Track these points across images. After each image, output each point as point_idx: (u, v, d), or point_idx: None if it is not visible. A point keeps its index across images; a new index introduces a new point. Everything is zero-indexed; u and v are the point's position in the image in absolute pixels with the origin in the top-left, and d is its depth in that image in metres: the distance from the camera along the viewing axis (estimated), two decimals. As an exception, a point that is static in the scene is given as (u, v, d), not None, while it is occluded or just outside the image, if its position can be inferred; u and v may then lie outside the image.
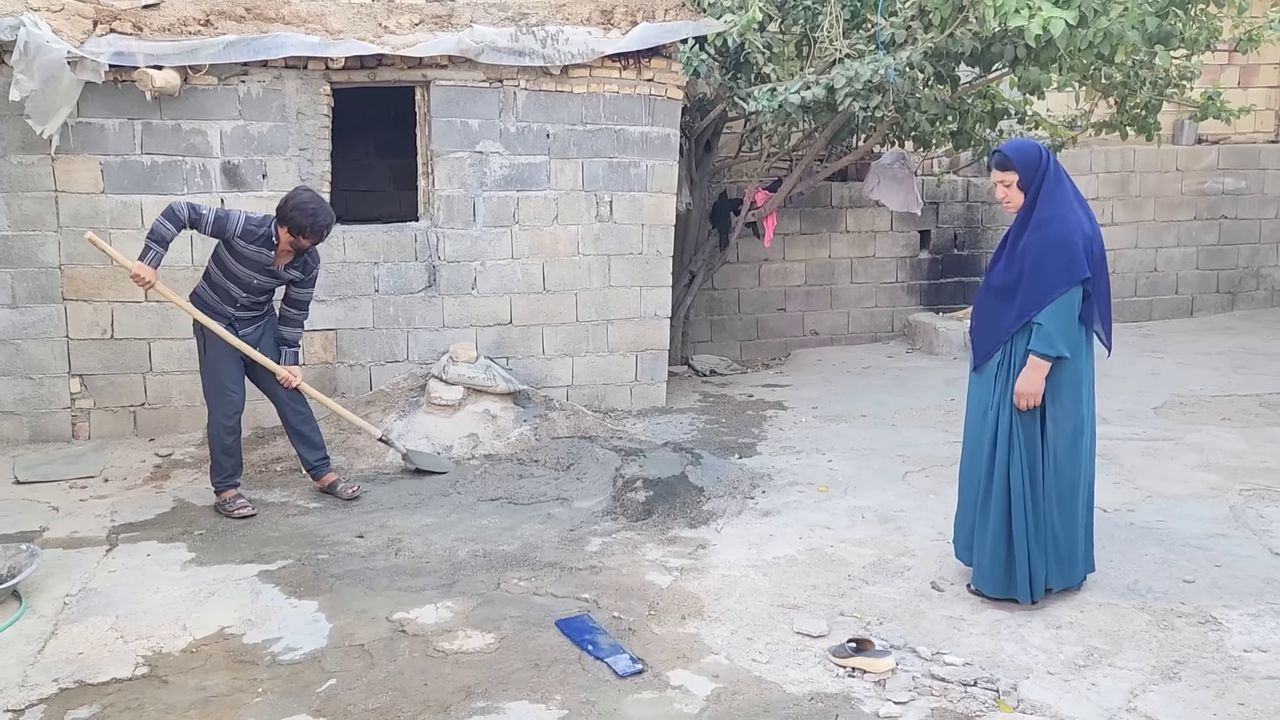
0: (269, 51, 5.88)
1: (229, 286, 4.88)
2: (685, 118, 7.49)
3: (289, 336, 5.08)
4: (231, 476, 5.03)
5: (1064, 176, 3.75)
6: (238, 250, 4.81)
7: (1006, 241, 3.88)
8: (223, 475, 5.00)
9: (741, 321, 9.02)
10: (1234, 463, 5.48)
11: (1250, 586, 3.90)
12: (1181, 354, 8.40)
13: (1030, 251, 3.67)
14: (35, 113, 5.58)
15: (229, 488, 5.00)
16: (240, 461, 5.11)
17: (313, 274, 5.06)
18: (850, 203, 9.07)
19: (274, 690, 3.26)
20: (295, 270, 4.96)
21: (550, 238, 6.64)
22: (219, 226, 4.77)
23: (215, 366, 4.94)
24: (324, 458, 5.24)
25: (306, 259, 4.98)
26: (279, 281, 4.96)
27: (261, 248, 4.82)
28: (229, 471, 5.01)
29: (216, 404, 4.94)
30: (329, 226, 4.83)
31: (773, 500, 5.09)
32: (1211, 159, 9.94)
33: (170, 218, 4.72)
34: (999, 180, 3.79)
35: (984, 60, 5.98)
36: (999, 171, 3.77)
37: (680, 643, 3.55)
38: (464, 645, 3.55)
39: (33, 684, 3.31)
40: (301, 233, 4.76)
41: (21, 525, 4.79)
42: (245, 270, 4.84)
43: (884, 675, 3.26)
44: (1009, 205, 3.82)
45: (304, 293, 5.08)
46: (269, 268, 4.86)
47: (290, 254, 4.90)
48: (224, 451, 4.98)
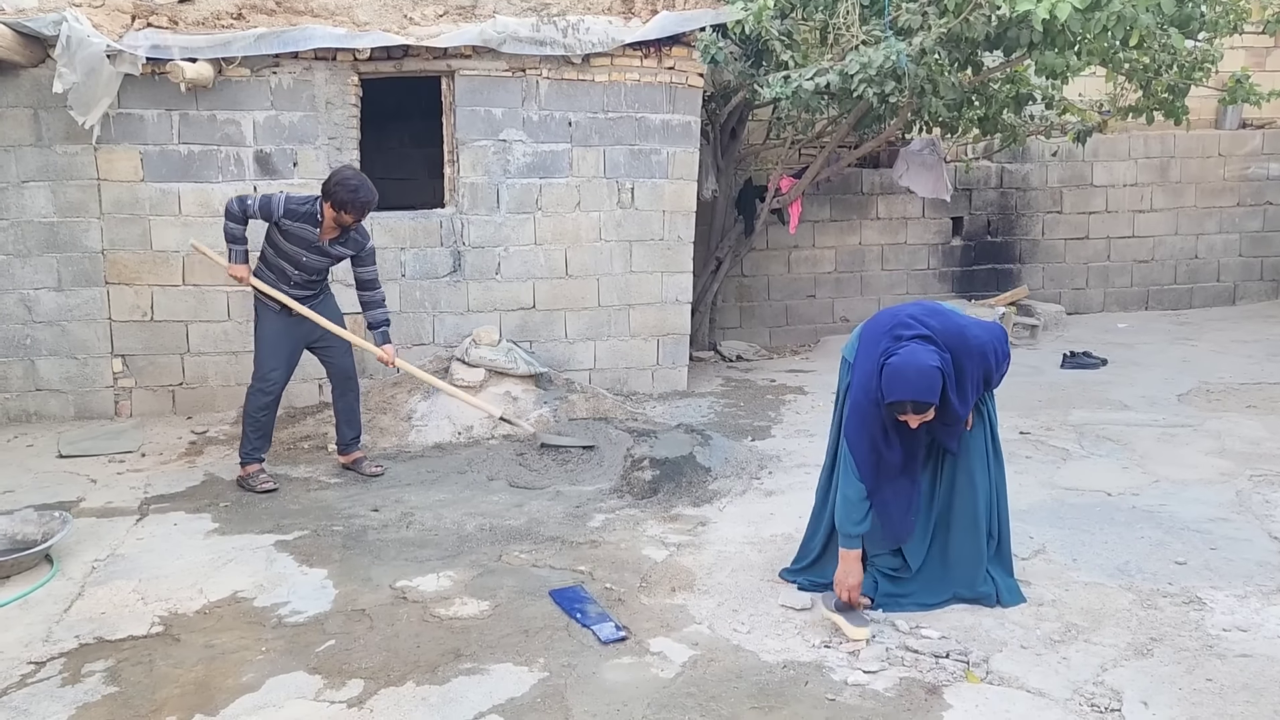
0: (298, 44, 6.09)
1: (283, 266, 5.10)
2: (710, 105, 7.58)
3: (375, 319, 5.25)
4: (257, 451, 5.26)
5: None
6: (285, 229, 5.03)
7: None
8: (249, 448, 5.24)
9: (771, 308, 9.09)
10: (1249, 449, 5.43)
11: (1242, 569, 3.90)
12: (1217, 341, 8.28)
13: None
14: (77, 104, 5.85)
15: (254, 461, 5.24)
16: (269, 438, 5.34)
17: (366, 249, 5.21)
18: (881, 189, 9.08)
19: (276, 649, 3.45)
20: (342, 247, 5.12)
21: (572, 224, 6.78)
22: (265, 210, 5.02)
23: (266, 344, 5.18)
24: (356, 437, 5.46)
25: (354, 235, 5.14)
26: (328, 258, 5.14)
27: (306, 224, 5.02)
28: (256, 446, 5.25)
29: (258, 381, 5.19)
30: (371, 203, 5.00)
31: (778, 481, 5.17)
32: (1256, 144, 9.75)
33: (231, 217, 5.04)
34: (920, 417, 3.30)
35: (1001, 45, 5.97)
36: (915, 415, 3.29)
37: (666, 613, 3.67)
38: (459, 611, 3.70)
39: (56, 639, 3.54)
40: (344, 208, 4.93)
41: (61, 495, 5.07)
42: (294, 248, 5.05)
43: (858, 645, 3.34)
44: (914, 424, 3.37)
45: (367, 271, 5.23)
46: (316, 244, 5.06)
47: (335, 230, 5.06)
48: (255, 426, 5.22)
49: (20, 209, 6.14)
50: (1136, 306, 9.82)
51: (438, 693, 3.12)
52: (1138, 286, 9.81)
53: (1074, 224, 9.61)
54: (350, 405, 5.41)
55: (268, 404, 5.21)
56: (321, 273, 5.21)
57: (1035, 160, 9.45)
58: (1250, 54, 9.65)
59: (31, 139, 6.09)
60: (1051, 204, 9.53)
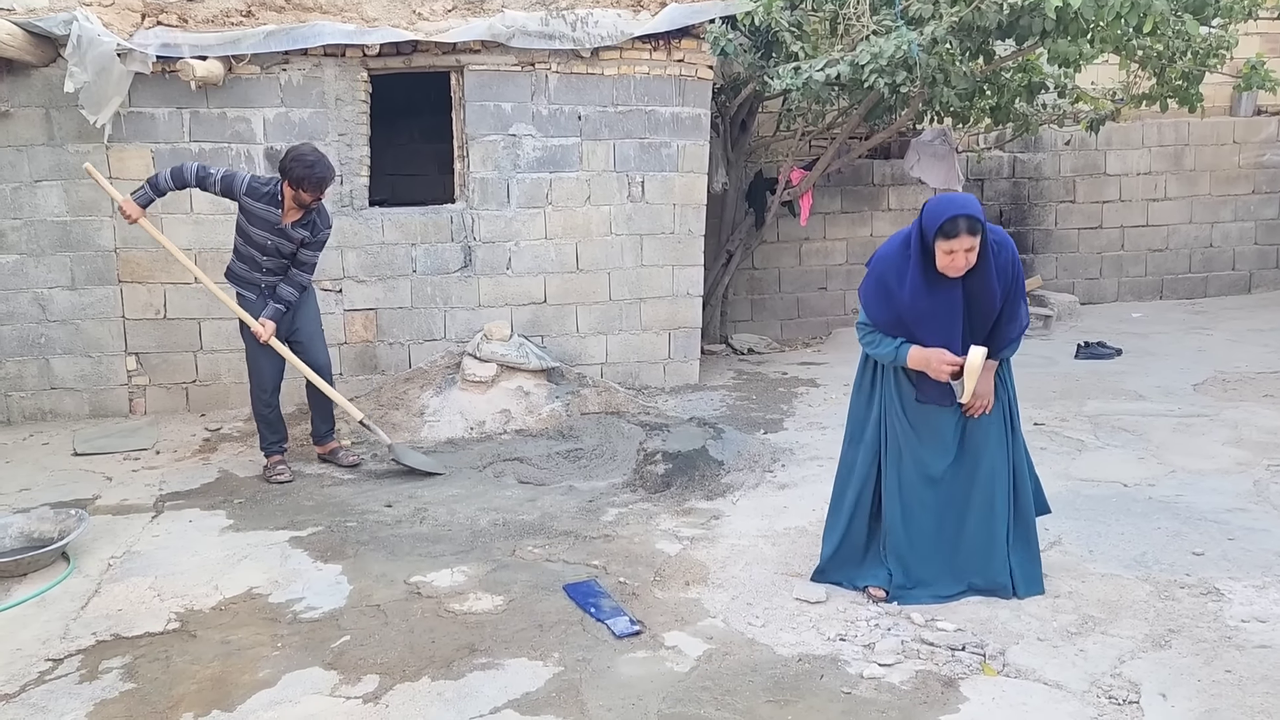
0: (307, 40, 6.09)
1: (252, 253, 5.10)
2: (720, 98, 7.55)
3: (280, 292, 5.14)
4: (276, 444, 5.32)
5: None
6: (249, 210, 5.01)
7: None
8: (266, 442, 5.31)
9: (782, 301, 9.06)
10: (1267, 439, 5.39)
11: (1260, 559, 3.87)
12: (1232, 331, 8.23)
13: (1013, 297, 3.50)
14: (88, 103, 5.86)
15: (274, 453, 5.31)
16: (283, 431, 5.38)
17: (321, 236, 5.17)
18: (892, 180, 9.03)
19: (292, 645, 3.45)
20: (303, 230, 5.07)
21: (583, 218, 6.77)
22: (226, 184, 5.00)
23: (251, 349, 5.21)
24: (330, 429, 5.51)
25: (315, 219, 5.10)
26: (289, 242, 5.08)
27: (268, 205, 5.00)
28: (270, 439, 5.31)
29: (252, 378, 5.25)
30: (327, 179, 4.95)
31: (791, 474, 5.16)
32: (1271, 130, 9.68)
33: (174, 176, 5.02)
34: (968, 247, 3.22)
35: (1014, 34, 5.93)
36: (970, 237, 3.21)
37: (680, 607, 3.66)
38: (474, 607, 3.71)
39: (73, 636, 3.56)
40: (300, 185, 4.89)
41: (77, 493, 5.09)
42: (259, 232, 5.03)
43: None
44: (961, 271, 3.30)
45: (308, 254, 5.16)
46: (277, 226, 5.03)
47: (297, 211, 5.03)
48: (263, 421, 5.28)
49: (33, 208, 6.16)
50: (1151, 296, 9.76)
51: (453, 688, 3.12)
52: (1152, 276, 9.75)
53: (1087, 213, 9.55)
54: (320, 398, 5.37)
55: (267, 400, 5.27)
56: (287, 257, 5.15)
57: (1048, 149, 9.39)
58: (1265, 40, 9.56)
59: (43, 138, 6.11)
60: (1064, 193, 9.47)
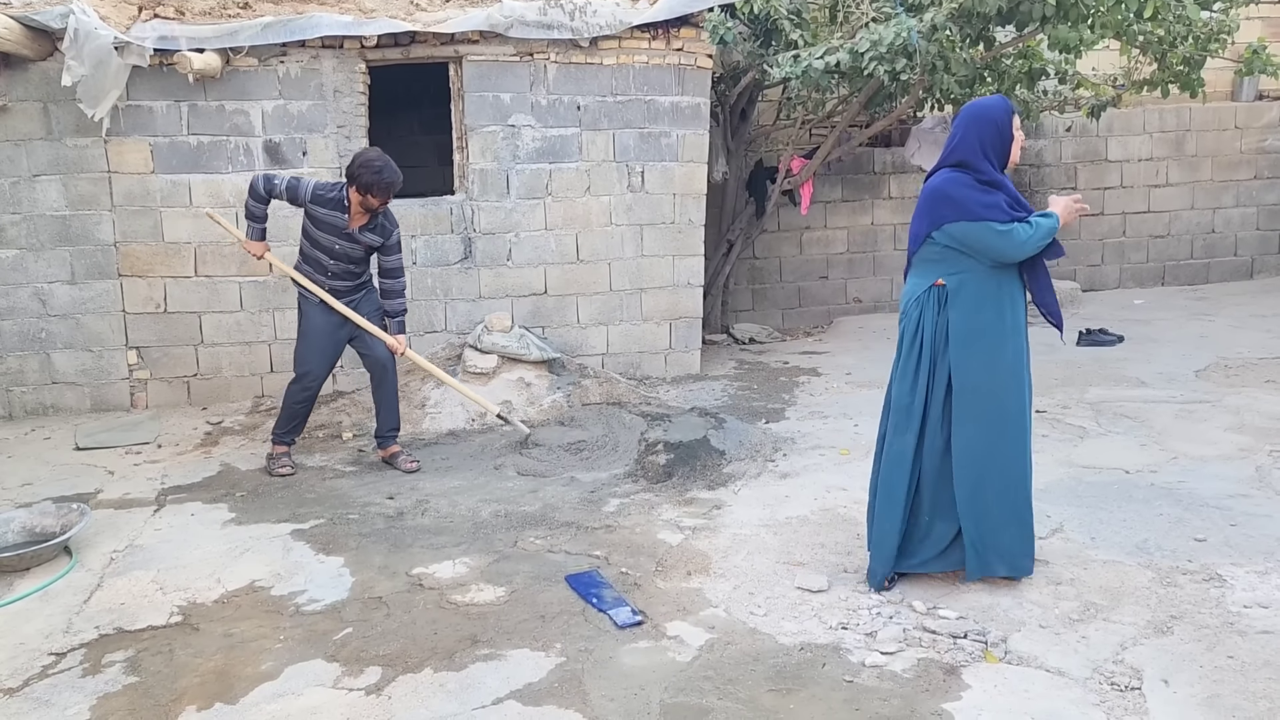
0: (305, 32, 6.07)
1: (318, 256, 5.11)
2: (719, 86, 7.53)
3: (392, 308, 5.23)
4: (288, 435, 5.34)
5: None
6: (315, 216, 5.04)
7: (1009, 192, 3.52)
8: (281, 431, 5.33)
9: (783, 290, 9.05)
10: (1269, 424, 5.38)
11: (1263, 545, 3.87)
12: (1235, 316, 8.21)
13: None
14: (86, 97, 5.85)
15: (282, 443, 5.32)
16: (302, 427, 5.41)
17: (393, 237, 5.17)
18: (893, 168, 9.01)
19: (294, 638, 3.46)
20: (371, 234, 5.08)
21: (583, 208, 6.76)
22: (293, 193, 5.04)
23: (307, 340, 5.20)
24: (395, 429, 5.41)
25: (382, 222, 5.11)
26: (358, 246, 5.09)
27: (334, 210, 5.01)
28: (287, 430, 5.33)
29: (298, 374, 5.23)
30: (395, 184, 4.95)
31: (793, 463, 5.16)
32: (1273, 115, 9.64)
33: (254, 194, 5.07)
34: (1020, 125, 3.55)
35: (1015, 20, 5.90)
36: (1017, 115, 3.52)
37: (682, 597, 3.66)
38: (476, 598, 3.71)
39: (76, 630, 3.56)
40: (369, 190, 4.89)
41: (79, 488, 5.10)
42: (325, 236, 5.05)
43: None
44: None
45: (392, 260, 5.19)
46: (345, 231, 5.03)
47: (363, 216, 5.03)
48: (290, 415, 5.31)
49: (32, 203, 6.16)
50: (1153, 282, 9.73)
51: (455, 679, 3.13)
52: (1154, 262, 9.73)
53: (1089, 199, 9.43)
54: (388, 396, 5.34)
55: (305, 398, 5.27)
56: (357, 263, 5.16)
57: (1049, 136, 9.36)
58: (1267, 24, 9.51)
59: (42, 132, 6.09)
60: (1066, 180, 9.44)
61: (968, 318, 3.48)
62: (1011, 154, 3.47)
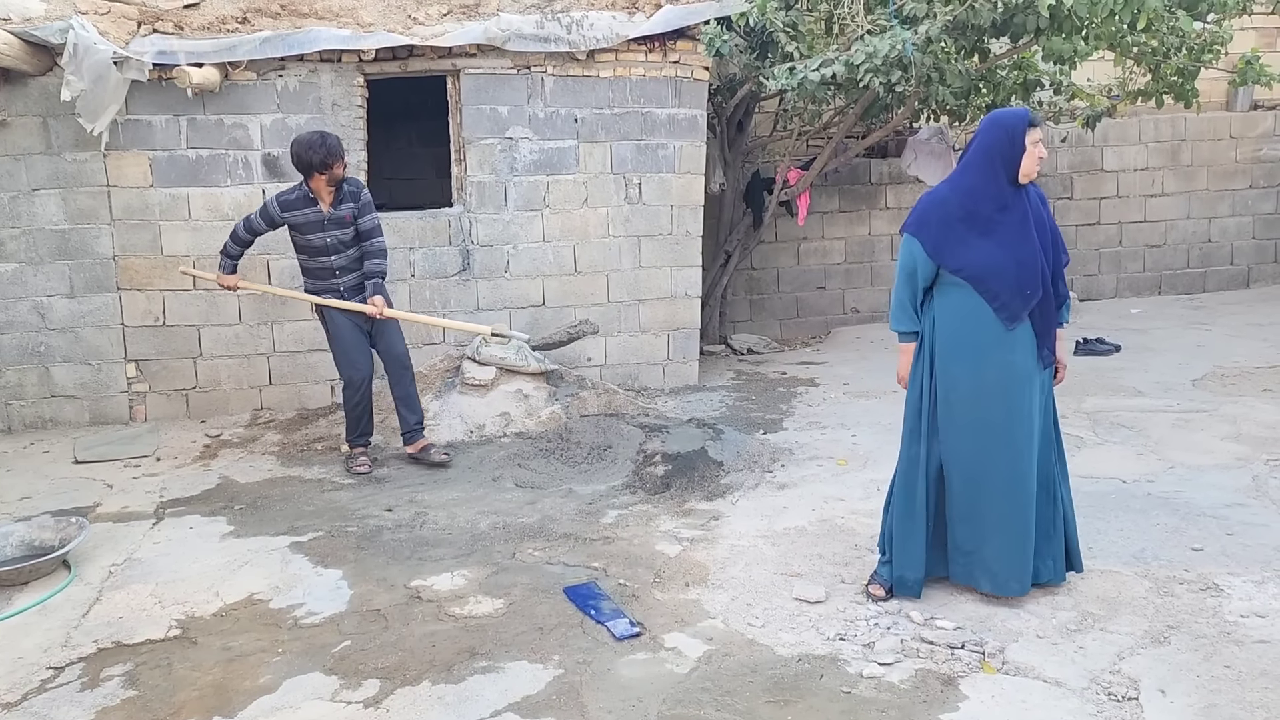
0: (303, 46, 6.10)
1: (319, 262, 5.24)
2: (716, 98, 7.56)
3: (369, 269, 5.28)
4: (361, 435, 5.48)
5: None
6: (294, 222, 5.18)
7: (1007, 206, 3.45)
8: (353, 434, 5.48)
9: (781, 300, 9.07)
10: (1266, 433, 5.39)
11: (1259, 554, 3.88)
12: (1231, 325, 8.23)
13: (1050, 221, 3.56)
14: (86, 111, 5.87)
15: (358, 445, 5.46)
16: (370, 423, 5.55)
17: (364, 201, 5.24)
18: (889, 179, 9.04)
19: (293, 650, 3.46)
20: (346, 204, 5.18)
21: (580, 220, 6.78)
22: (267, 217, 5.23)
23: (339, 344, 5.34)
24: (419, 422, 5.53)
25: (347, 189, 5.20)
26: (344, 225, 5.19)
27: (305, 207, 5.15)
28: (358, 431, 5.47)
29: (343, 375, 5.38)
30: (336, 148, 5.05)
31: (791, 474, 5.17)
32: (1268, 125, 9.67)
33: (234, 239, 5.37)
34: (1037, 140, 3.41)
35: (1009, 31, 5.93)
36: (1038, 131, 3.43)
37: (680, 608, 3.67)
38: (474, 610, 3.71)
39: (74, 644, 3.57)
40: (325, 166, 5.03)
41: (78, 501, 5.10)
42: (314, 235, 5.16)
43: None
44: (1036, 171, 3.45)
45: (366, 221, 5.24)
46: (325, 218, 5.15)
47: (330, 192, 5.15)
48: (354, 418, 5.45)
49: (31, 217, 6.17)
50: (1149, 291, 9.76)
51: (453, 691, 3.13)
52: (1150, 271, 9.75)
53: (1085, 209, 9.55)
54: (407, 390, 5.47)
55: (360, 399, 5.42)
56: (351, 244, 5.24)
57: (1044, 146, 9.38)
58: (1261, 35, 9.57)
59: (41, 147, 6.12)
60: (1062, 190, 9.47)
61: (950, 329, 3.50)
62: (1023, 165, 3.41)
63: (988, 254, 3.41)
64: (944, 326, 3.50)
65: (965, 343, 3.47)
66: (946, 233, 3.44)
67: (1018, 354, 3.46)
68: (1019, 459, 3.48)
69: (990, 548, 3.53)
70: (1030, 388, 3.48)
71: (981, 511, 3.52)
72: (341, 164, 5.11)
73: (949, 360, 3.49)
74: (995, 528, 3.51)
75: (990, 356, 3.45)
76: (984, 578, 3.56)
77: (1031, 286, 3.41)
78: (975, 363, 3.46)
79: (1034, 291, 3.42)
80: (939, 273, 3.48)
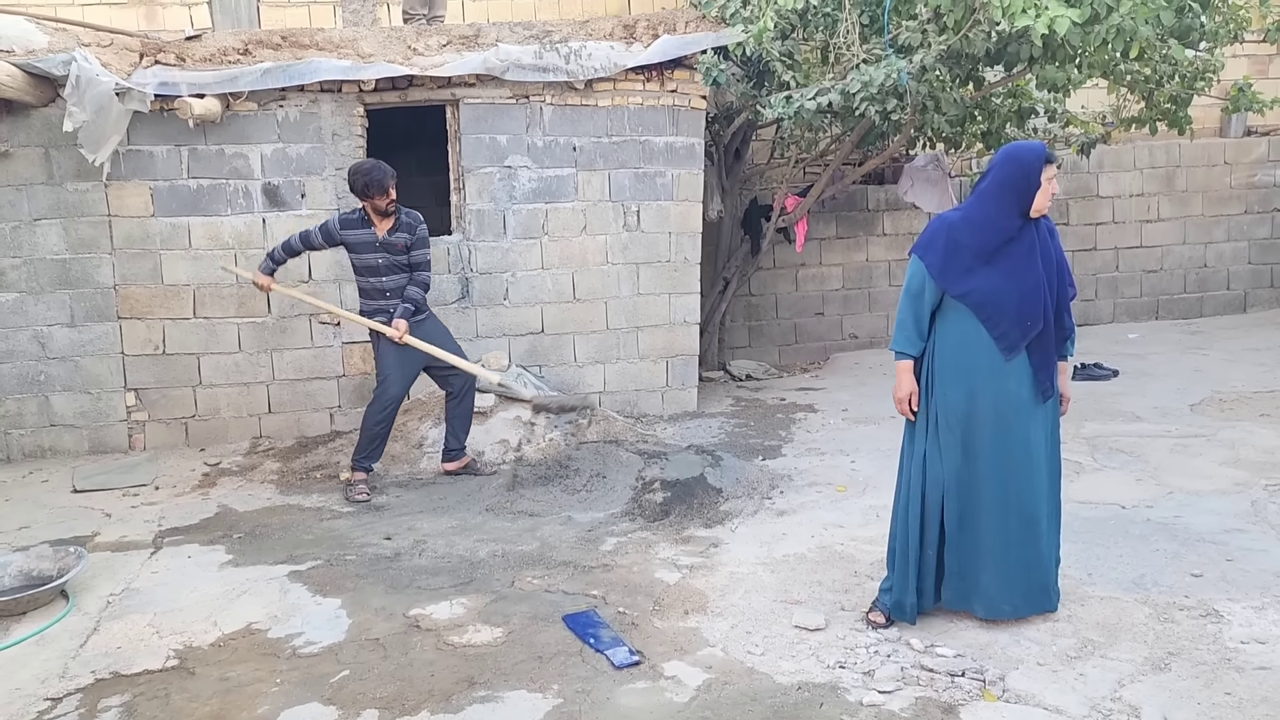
0: (304, 77, 6.16)
1: (369, 281, 5.44)
2: (714, 126, 7.62)
3: (408, 293, 5.43)
4: (368, 459, 5.50)
5: None
6: (350, 242, 5.39)
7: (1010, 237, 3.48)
8: (360, 456, 5.49)
9: (779, 326, 9.09)
10: (1264, 458, 5.40)
11: (1259, 580, 3.87)
12: (1229, 350, 8.24)
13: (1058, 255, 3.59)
14: (87, 142, 5.91)
15: (361, 469, 5.47)
16: (381, 450, 5.58)
17: (419, 232, 5.46)
18: (887, 205, 9.09)
19: (291, 680, 3.45)
20: (400, 234, 5.41)
21: (579, 248, 6.81)
22: (325, 232, 5.46)
23: (383, 362, 5.43)
24: (461, 448, 5.70)
25: (405, 220, 5.41)
26: (397, 252, 5.38)
27: (362, 228, 5.38)
28: (367, 455, 5.48)
29: (377, 394, 5.45)
30: (385, 177, 5.29)
31: (790, 500, 5.17)
32: (1262, 151, 9.74)
33: (286, 249, 5.56)
34: (1051, 176, 3.45)
35: (1003, 60, 5.99)
36: (1054, 167, 3.48)
37: (679, 636, 3.66)
38: (473, 639, 3.70)
39: (72, 675, 3.55)
40: (368, 192, 5.27)
41: (76, 530, 5.10)
42: (368, 255, 5.37)
43: None
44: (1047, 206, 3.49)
45: (419, 254, 5.47)
46: (378, 242, 5.36)
47: (385, 220, 5.40)
48: (370, 437, 5.47)
49: (33, 246, 6.20)
50: (1147, 316, 9.79)
51: (452, 721, 3.12)
52: (1147, 296, 9.79)
53: (1081, 235, 9.60)
54: (469, 410, 5.68)
55: (385, 418, 5.47)
56: (403, 270, 5.44)
57: (1049, 177, 9.44)
58: (1253, 62, 9.66)
59: (43, 177, 6.16)
60: (1058, 216, 9.52)
61: (949, 354, 3.52)
62: (1036, 200, 3.43)
63: (992, 282, 3.44)
64: (943, 351, 3.53)
65: (963, 368, 3.49)
66: (953, 258, 3.47)
67: (1013, 383, 3.48)
68: (1012, 484, 3.49)
69: (985, 573, 3.53)
70: (1027, 417, 3.49)
71: (975, 536, 3.53)
72: (383, 196, 5.30)
73: (946, 385, 3.52)
74: (989, 553, 3.52)
75: (986, 383, 3.47)
76: (978, 602, 3.56)
77: (1033, 318, 3.44)
78: (971, 389, 3.48)
79: (1034, 323, 3.45)
80: (943, 297, 3.51)
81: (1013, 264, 3.46)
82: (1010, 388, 3.47)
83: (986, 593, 3.54)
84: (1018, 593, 3.53)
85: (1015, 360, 3.46)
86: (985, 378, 3.47)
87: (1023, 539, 3.51)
